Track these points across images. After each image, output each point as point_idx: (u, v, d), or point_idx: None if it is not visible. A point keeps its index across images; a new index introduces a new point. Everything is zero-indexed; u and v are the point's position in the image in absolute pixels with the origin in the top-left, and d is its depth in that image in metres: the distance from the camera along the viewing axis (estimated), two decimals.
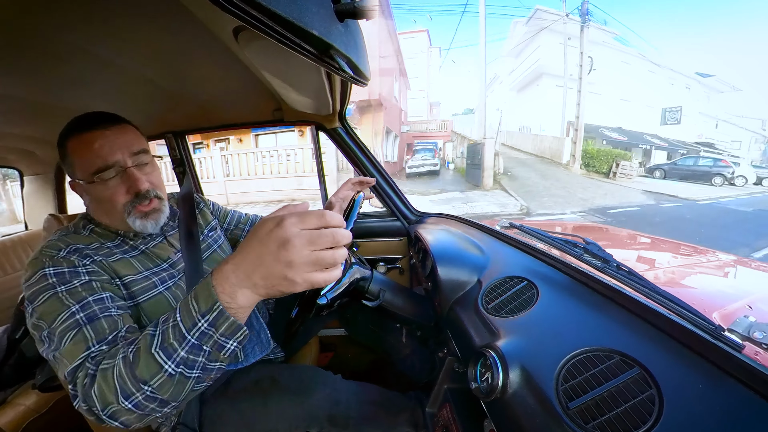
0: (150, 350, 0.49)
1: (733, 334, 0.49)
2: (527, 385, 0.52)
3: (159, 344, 0.49)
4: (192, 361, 0.49)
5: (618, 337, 0.55)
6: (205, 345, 0.49)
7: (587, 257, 0.78)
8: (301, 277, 0.44)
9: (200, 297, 0.48)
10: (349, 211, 0.89)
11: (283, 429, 0.82)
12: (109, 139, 0.72)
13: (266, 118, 1.41)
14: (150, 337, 0.50)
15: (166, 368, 0.49)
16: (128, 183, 0.74)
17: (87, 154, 0.71)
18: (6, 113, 0.99)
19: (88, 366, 0.55)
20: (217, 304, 0.47)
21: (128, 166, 0.74)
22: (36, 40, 0.59)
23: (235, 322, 0.48)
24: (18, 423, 1.08)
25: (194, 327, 0.48)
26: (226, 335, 0.49)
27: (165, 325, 0.50)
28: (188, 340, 0.48)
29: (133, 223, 0.77)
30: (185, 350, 0.49)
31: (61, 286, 0.63)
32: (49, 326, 0.60)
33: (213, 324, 0.47)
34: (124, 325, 0.64)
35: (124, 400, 0.50)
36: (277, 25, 0.35)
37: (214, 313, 0.47)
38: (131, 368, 0.50)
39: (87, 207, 0.82)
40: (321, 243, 0.44)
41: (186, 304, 0.49)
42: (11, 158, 1.69)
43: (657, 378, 0.45)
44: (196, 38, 0.65)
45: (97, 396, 0.51)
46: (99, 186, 0.72)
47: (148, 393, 0.50)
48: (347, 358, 1.63)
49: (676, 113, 21.05)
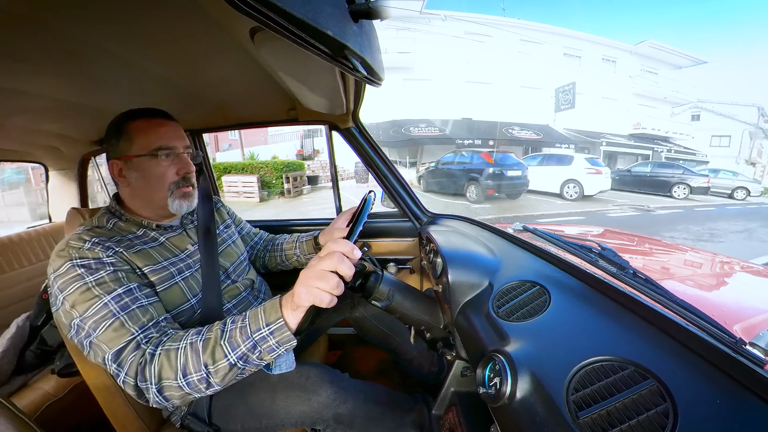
0: (219, 341, 0.64)
1: (755, 349, 0.46)
2: (536, 393, 0.51)
3: (227, 338, 0.64)
4: (246, 357, 0.63)
5: (632, 347, 0.53)
6: (260, 346, 0.63)
7: (602, 263, 0.76)
8: (307, 289, 0.60)
9: (268, 310, 0.64)
10: (360, 211, 0.90)
11: (289, 424, 0.83)
12: (171, 128, 0.86)
13: (281, 118, 1.43)
14: (220, 332, 0.65)
15: (229, 358, 0.63)
16: (179, 165, 0.86)
17: (152, 134, 0.82)
18: (35, 111, 1.03)
19: (144, 347, 0.65)
20: (280, 319, 0.63)
21: (182, 153, 0.86)
22: (64, 41, 0.61)
23: (289, 335, 0.63)
24: (37, 406, 1.13)
25: (258, 331, 0.63)
26: (279, 343, 0.63)
27: (234, 325, 0.65)
28: (250, 340, 0.63)
29: (171, 203, 0.86)
30: (246, 347, 0.63)
31: (89, 277, 0.68)
32: (81, 315, 0.66)
33: (272, 332, 0.63)
34: (158, 313, 0.72)
35: (183, 377, 0.63)
36: (293, 25, 0.36)
37: (277, 325, 0.63)
38: (197, 353, 0.63)
39: (124, 189, 0.87)
40: (326, 263, 0.60)
41: (255, 314, 0.65)
42: (38, 154, 1.75)
43: (672, 391, 0.44)
44: (214, 39, 0.67)
45: (155, 372, 0.63)
46: (154, 162, 0.82)
47: (204, 375, 0.63)
48: (355, 357, 1.64)
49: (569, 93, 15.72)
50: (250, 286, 1.04)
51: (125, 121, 0.82)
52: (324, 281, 0.59)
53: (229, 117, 1.43)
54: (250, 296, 1.02)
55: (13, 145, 1.53)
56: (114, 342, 0.65)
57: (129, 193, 0.86)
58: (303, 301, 0.61)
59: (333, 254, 0.60)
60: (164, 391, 0.64)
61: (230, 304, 0.94)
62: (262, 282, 1.14)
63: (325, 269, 0.60)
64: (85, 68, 0.75)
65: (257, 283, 1.08)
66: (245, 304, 0.99)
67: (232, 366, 0.63)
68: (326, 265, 0.60)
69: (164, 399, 0.65)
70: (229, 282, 0.98)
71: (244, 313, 0.67)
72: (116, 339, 0.65)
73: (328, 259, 0.60)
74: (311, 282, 0.60)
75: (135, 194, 0.86)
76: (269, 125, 1.60)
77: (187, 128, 1.54)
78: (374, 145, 1.48)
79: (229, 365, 0.63)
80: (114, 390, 0.83)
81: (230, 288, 0.97)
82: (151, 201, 0.86)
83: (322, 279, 0.59)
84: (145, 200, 0.86)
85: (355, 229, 0.73)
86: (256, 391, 0.84)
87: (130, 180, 0.84)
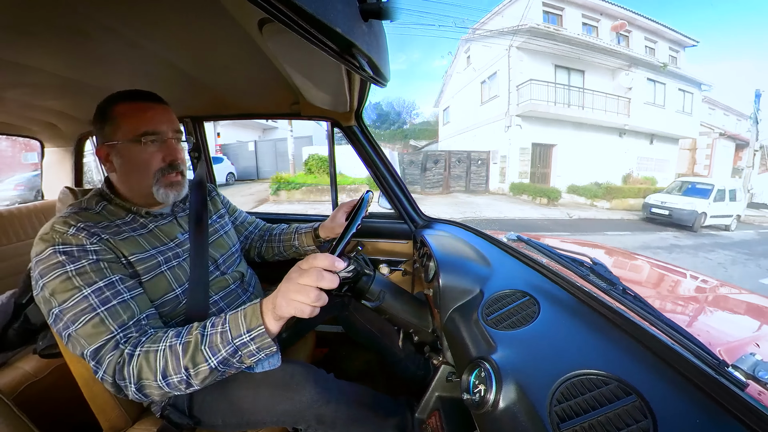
0: (199, 346, 0.63)
1: (737, 371, 0.47)
2: (520, 402, 0.52)
3: (207, 344, 0.63)
4: (227, 361, 0.63)
5: (617, 362, 0.54)
6: (240, 351, 0.63)
7: (593, 278, 0.76)
8: (288, 302, 0.60)
9: (248, 316, 0.64)
10: (356, 211, 0.90)
11: (270, 422, 0.82)
12: (158, 111, 0.82)
13: (283, 111, 1.42)
14: (200, 336, 0.64)
15: (210, 363, 0.63)
16: (166, 151, 0.82)
17: (137, 118, 0.79)
18: (34, 86, 1.01)
19: (123, 347, 0.64)
20: (260, 326, 0.62)
21: (169, 138, 0.83)
22: (68, 17, 0.61)
23: (270, 342, 0.63)
24: (16, 385, 1.11)
25: (238, 337, 0.63)
26: (260, 348, 0.63)
27: (213, 330, 0.64)
28: (231, 345, 0.63)
29: (156, 192, 0.82)
30: (227, 352, 0.63)
31: (70, 266, 0.66)
32: (59, 305, 0.64)
33: (253, 339, 0.63)
34: (140, 310, 0.70)
35: (162, 378, 0.62)
36: (302, 20, 0.36)
37: (258, 332, 0.62)
38: (177, 356, 0.63)
39: (111, 174, 0.84)
40: (306, 278, 0.59)
41: (235, 319, 0.64)
42: (34, 129, 1.73)
43: (654, 408, 0.44)
44: (221, 27, 0.66)
45: (134, 372, 0.62)
46: (139, 148, 0.79)
47: (184, 377, 0.63)
48: (342, 356, 1.64)
49: None
50: (239, 278, 1.01)
51: (110, 104, 0.79)
52: (303, 295, 0.59)
53: (232, 106, 1.42)
54: (239, 289, 0.99)
55: (9, 118, 1.51)
56: (92, 338, 0.64)
57: (116, 178, 0.84)
58: (284, 313, 0.61)
59: (312, 270, 0.59)
60: (144, 389, 0.64)
61: (217, 296, 0.92)
62: (253, 275, 1.12)
63: (305, 284, 0.59)
64: (89, 46, 0.74)
65: (247, 276, 1.06)
66: (233, 297, 0.97)
67: (213, 370, 0.63)
68: (306, 281, 0.59)
69: (144, 396, 0.65)
70: (217, 273, 0.95)
71: (223, 315, 0.66)
72: (95, 336, 0.64)
73: (307, 275, 0.59)
74: (291, 296, 0.60)
75: (122, 180, 0.83)
76: (272, 117, 1.59)
77: (189, 115, 1.53)
78: (375, 145, 1.48)
79: (209, 369, 0.63)
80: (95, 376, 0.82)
81: (218, 279, 0.95)
82: (138, 187, 0.83)
83: (302, 293, 0.59)
84: (131, 186, 0.84)
85: (350, 228, 0.73)
86: (238, 387, 0.83)
87: (116, 166, 0.81)
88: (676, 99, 15.33)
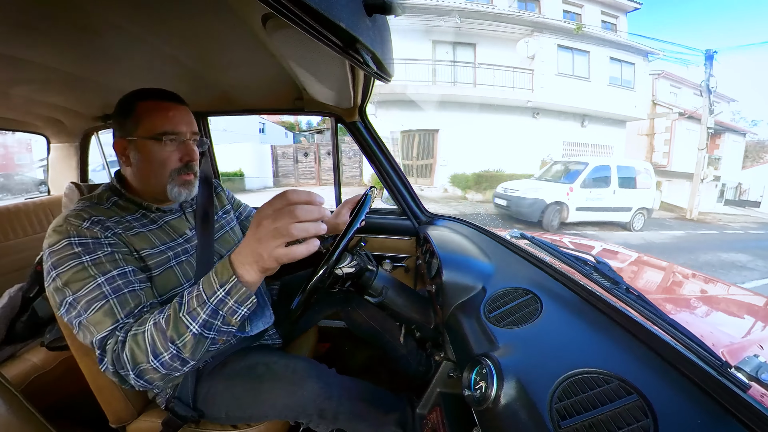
0: (178, 314, 0.60)
1: (739, 373, 0.47)
2: (521, 399, 0.52)
3: (186, 310, 0.60)
4: (210, 324, 0.60)
5: (619, 361, 0.53)
6: (221, 310, 0.59)
7: (596, 276, 0.76)
8: (267, 252, 0.54)
9: (219, 271, 0.59)
10: (360, 206, 0.90)
11: (273, 415, 0.83)
12: (180, 112, 0.83)
13: (287, 106, 1.42)
14: (178, 305, 0.61)
15: (191, 329, 0.59)
16: (183, 152, 0.84)
17: (159, 117, 0.80)
18: (39, 81, 1.02)
19: (118, 334, 0.64)
20: (232, 277, 0.57)
21: (188, 139, 0.84)
22: (74, 13, 0.61)
23: (247, 291, 0.59)
24: (24, 377, 1.13)
25: (213, 295, 0.59)
26: (239, 302, 0.59)
27: (189, 295, 0.61)
28: (209, 305, 0.59)
29: (170, 190, 0.84)
30: (206, 314, 0.59)
31: (86, 256, 0.67)
32: (74, 294, 0.65)
33: (229, 293, 0.58)
34: (146, 300, 0.71)
35: (154, 359, 0.60)
36: (306, 15, 0.35)
37: (231, 284, 0.58)
38: (162, 331, 0.60)
39: (126, 168, 0.85)
40: (282, 218, 0.52)
41: (208, 278, 0.60)
42: (40, 125, 1.74)
43: (655, 408, 0.44)
44: (225, 23, 0.66)
45: (129, 358, 0.61)
46: (158, 146, 0.80)
47: (174, 351, 0.60)
48: (344, 351, 1.65)
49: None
50: None
51: (134, 100, 0.80)
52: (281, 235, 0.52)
53: (236, 102, 1.42)
54: None
55: (15, 114, 1.52)
56: (100, 326, 0.64)
57: (131, 173, 0.85)
58: (267, 264, 0.55)
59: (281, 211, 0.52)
60: (143, 375, 0.63)
61: None
62: None
63: (280, 225, 0.52)
64: (94, 42, 0.75)
65: None
66: None
67: (198, 336, 0.60)
68: (281, 221, 0.52)
69: (146, 382, 0.64)
70: None
71: (198, 281, 0.63)
72: (103, 323, 0.64)
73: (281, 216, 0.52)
74: (269, 243, 0.53)
75: (136, 175, 0.84)
76: (275, 113, 1.59)
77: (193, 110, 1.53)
78: (378, 140, 1.48)
79: (193, 336, 0.59)
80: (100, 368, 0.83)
81: None
82: (152, 184, 0.84)
83: (278, 234, 0.52)
84: (145, 183, 0.85)
85: (353, 224, 0.73)
86: (242, 381, 0.84)
87: (132, 161, 0.82)
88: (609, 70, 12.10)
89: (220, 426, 0.88)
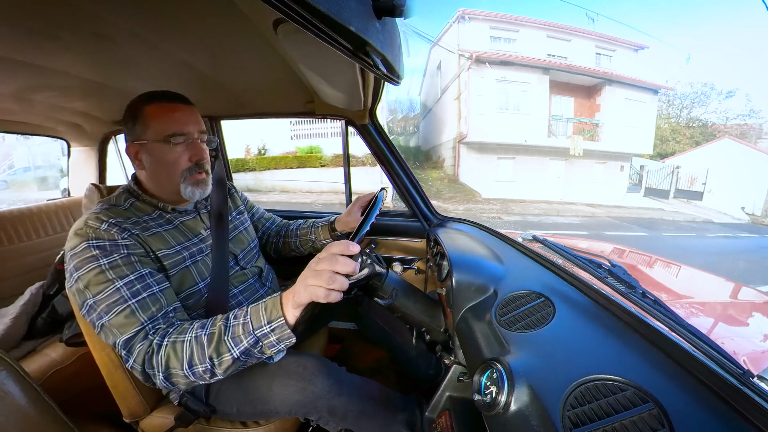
0: (222, 337, 0.66)
1: (762, 382, 0.45)
2: (532, 405, 0.51)
3: (230, 334, 0.66)
4: (249, 352, 0.66)
5: (635, 368, 0.52)
6: (262, 341, 0.66)
7: (611, 280, 0.74)
8: (305, 287, 0.63)
9: (269, 308, 0.66)
10: (371, 208, 0.90)
11: (283, 412, 0.84)
12: (186, 113, 0.85)
13: (298, 110, 1.43)
14: (224, 327, 0.67)
15: (233, 353, 0.66)
16: (193, 151, 0.85)
17: (166, 119, 0.82)
18: (61, 88, 1.06)
19: (151, 338, 0.68)
20: (280, 318, 0.65)
21: (196, 138, 0.86)
22: (93, 22, 0.63)
23: (289, 333, 0.66)
24: (44, 371, 1.17)
25: (259, 328, 0.65)
26: (280, 340, 0.66)
27: (236, 321, 0.67)
28: (252, 336, 0.65)
29: (184, 190, 0.86)
30: (249, 343, 0.66)
31: (104, 259, 0.70)
32: (93, 296, 0.69)
33: (273, 330, 0.65)
34: (167, 303, 0.74)
35: (188, 368, 0.66)
36: (316, 19, 0.36)
37: (278, 323, 0.65)
38: (202, 346, 0.66)
39: (140, 171, 0.88)
40: (322, 264, 0.63)
41: (257, 311, 0.67)
42: (61, 130, 1.81)
43: (671, 417, 0.42)
44: (237, 28, 0.68)
45: (162, 362, 0.66)
46: (167, 148, 0.82)
47: (209, 366, 0.66)
48: (354, 352, 1.65)
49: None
50: (257, 273, 1.05)
51: (140, 104, 0.82)
52: (318, 279, 0.62)
53: (248, 106, 1.44)
54: (257, 284, 1.03)
55: (38, 120, 1.58)
56: (124, 329, 0.68)
57: (145, 176, 0.88)
58: (301, 299, 0.64)
59: (327, 256, 0.63)
60: (171, 378, 0.68)
61: (237, 290, 0.96)
62: (270, 270, 1.15)
63: (320, 269, 0.62)
64: (112, 50, 0.77)
65: (265, 272, 1.09)
66: (251, 291, 1.00)
67: (236, 360, 0.66)
68: (321, 266, 0.62)
69: (171, 384, 0.69)
70: (237, 268, 0.99)
71: (245, 308, 0.69)
72: (126, 326, 0.68)
73: (323, 261, 0.63)
74: (308, 281, 0.63)
75: (150, 178, 0.87)
76: (287, 116, 1.61)
77: (206, 114, 1.57)
78: (389, 143, 1.48)
79: (232, 359, 0.66)
80: (117, 364, 0.85)
81: (238, 274, 0.98)
82: (165, 186, 0.87)
83: (317, 277, 0.62)
84: (159, 184, 0.87)
85: (364, 225, 0.73)
86: (253, 377, 0.85)
87: (145, 164, 0.84)
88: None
89: (230, 423, 0.90)
